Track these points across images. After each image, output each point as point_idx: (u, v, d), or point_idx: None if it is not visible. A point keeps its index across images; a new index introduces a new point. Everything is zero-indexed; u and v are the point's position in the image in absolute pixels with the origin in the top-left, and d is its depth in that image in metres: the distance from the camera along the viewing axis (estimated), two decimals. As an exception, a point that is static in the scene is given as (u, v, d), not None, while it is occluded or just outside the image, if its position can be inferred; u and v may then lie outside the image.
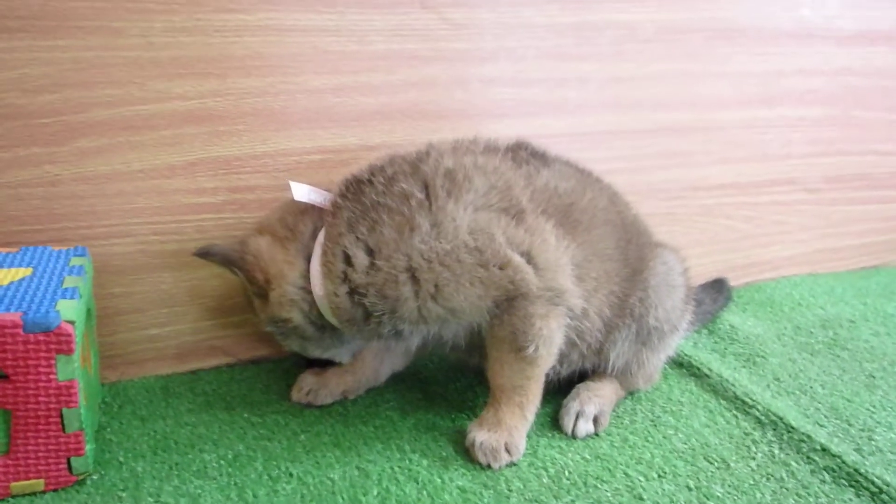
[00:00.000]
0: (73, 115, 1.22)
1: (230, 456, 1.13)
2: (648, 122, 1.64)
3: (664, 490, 1.07)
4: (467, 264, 1.05)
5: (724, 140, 1.73)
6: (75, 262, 1.16)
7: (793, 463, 1.13)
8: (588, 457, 1.15)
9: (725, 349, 1.52)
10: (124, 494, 1.03)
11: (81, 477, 1.04)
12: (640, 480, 1.09)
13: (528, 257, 1.09)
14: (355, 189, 1.11)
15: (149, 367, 1.39)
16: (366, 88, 1.38)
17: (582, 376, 1.32)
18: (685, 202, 1.74)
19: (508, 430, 1.14)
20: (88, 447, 1.03)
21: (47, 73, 1.19)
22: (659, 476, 1.10)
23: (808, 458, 1.14)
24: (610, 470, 1.12)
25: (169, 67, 1.25)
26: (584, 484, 1.08)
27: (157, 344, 1.39)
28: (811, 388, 1.36)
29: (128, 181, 1.28)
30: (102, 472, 1.08)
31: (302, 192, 1.15)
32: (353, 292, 1.08)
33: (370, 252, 1.07)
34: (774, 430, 1.22)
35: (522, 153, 1.22)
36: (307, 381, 1.30)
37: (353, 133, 1.40)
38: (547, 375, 1.18)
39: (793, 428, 1.21)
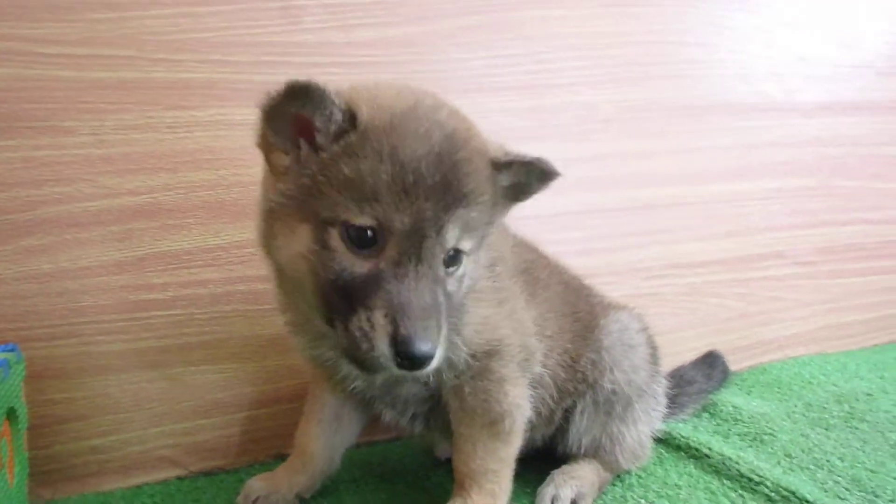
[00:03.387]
0: (20, 213, 1.21)
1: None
2: (621, 200, 1.61)
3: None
4: None
5: (702, 215, 1.68)
6: (1, 356, 1.09)
7: (812, 541, 0.97)
8: (570, 550, 0.99)
9: (729, 430, 1.37)
10: None
11: None
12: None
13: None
14: None
15: (89, 484, 1.26)
16: (320, 177, 1.37)
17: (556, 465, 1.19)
18: (669, 281, 1.66)
19: None
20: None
21: (-4, 174, 1.20)
22: (653, 566, 0.94)
23: (831, 534, 0.98)
24: (596, 563, 0.96)
25: (120, 164, 1.26)
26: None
27: (99, 456, 1.27)
28: (828, 461, 1.20)
29: (73, 279, 1.24)
30: None
31: None
32: None
33: None
34: (788, 506, 1.06)
35: None
36: (255, 487, 1.16)
37: (310, 222, 1.38)
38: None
39: (809, 502, 1.04)
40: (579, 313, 1.19)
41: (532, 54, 1.50)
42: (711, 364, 1.52)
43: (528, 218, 1.51)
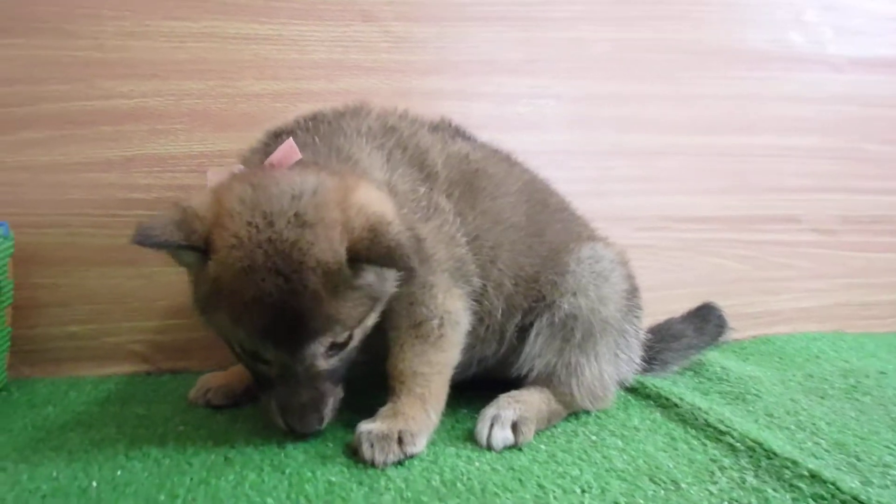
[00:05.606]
0: (21, 107, 1.31)
1: (97, 438, 1.05)
2: (611, 144, 1.55)
3: (581, 504, 0.86)
4: None
5: (698, 167, 1.59)
6: (-11, 230, 1.18)
7: (769, 490, 0.89)
8: (499, 468, 0.96)
9: (710, 388, 1.28)
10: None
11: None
12: (554, 492, 0.88)
13: None
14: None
15: (65, 368, 1.34)
16: (305, 95, 1.40)
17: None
18: (660, 234, 1.58)
19: (405, 419, 0.99)
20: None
21: (1, 69, 1.29)
22: (582, 491, 0.89)
23: (790, 485, 0.89)
24: (521, 481, 0.92)
25: (116, 68, 1.34)
26: (483, 491, 0.89)
27: (76, 342, 1.35)
28: (814, 424, 1.10)
29: (65, 173, 1.33)
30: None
31: None
32: None
33: None
34: (751, 456, 0.97)
35: (443, 125, 1.22)
36: (207, 380, 1.21)
37: (292, 138, 1.41)
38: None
39: (775, 454, 0.96)
40: (544, 232, 1.16)
41: (526, -16, 1.48)
42: (704, 317, 1.40)
43: (512, 153, 1.50)
